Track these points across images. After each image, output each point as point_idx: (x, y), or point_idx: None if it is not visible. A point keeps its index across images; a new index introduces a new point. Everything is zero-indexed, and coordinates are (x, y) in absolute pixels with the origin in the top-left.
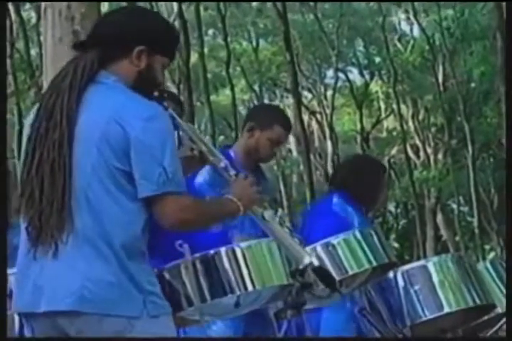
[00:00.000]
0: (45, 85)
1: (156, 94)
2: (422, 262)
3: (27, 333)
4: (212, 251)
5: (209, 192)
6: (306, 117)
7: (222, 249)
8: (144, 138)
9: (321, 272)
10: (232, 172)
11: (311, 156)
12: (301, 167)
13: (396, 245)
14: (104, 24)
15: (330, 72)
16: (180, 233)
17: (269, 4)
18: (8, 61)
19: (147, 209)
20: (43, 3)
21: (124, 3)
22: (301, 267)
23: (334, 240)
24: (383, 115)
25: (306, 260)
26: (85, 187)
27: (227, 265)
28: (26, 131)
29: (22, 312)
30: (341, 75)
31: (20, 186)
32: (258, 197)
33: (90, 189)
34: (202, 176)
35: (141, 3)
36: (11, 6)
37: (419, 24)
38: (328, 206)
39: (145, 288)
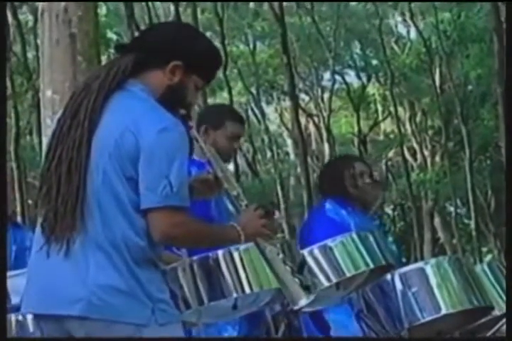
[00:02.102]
0: (42, 88)
1: (182, 112)
2: (419, 264)
3: (37, 333)
4: (209, 254)
5: None
6: (303, 120)
7: (220, 252)
8: (154, 149)
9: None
10: (244, 202)
11: (309, 159)
12: (299, 169)
13: (393, 247)
14: (150, 32)
15: (327, 75)
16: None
17: (266, 7)
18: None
19: None
20: (40, 6)
21: (122, 6)
22: (296, 308)
23: (331, 242)
24: (380, 117)
25: (303, 302)
26: (97, 192)
27: (224, 268)
28: (53, 126)
29: (31, 313)
30: (338, 78)
31: (39, 180)
32: (263, 230)
33: (101, 194)
34: None
35: (137, 5)
36: (7, 9)
37: (416, 27)
38: (322, 213)
39: (154, 296)
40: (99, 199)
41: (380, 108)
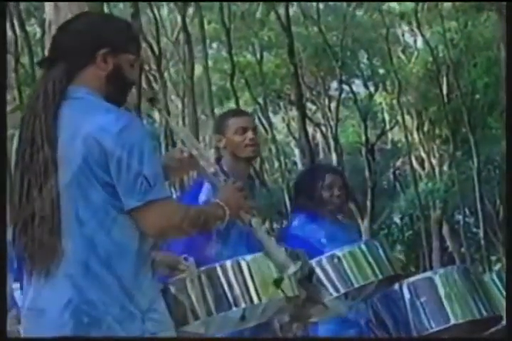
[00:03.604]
0: None
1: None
2: (427, 274)
3: None
4: (217, 264)
5: None
6: (310, 129)
7: (228, 262)
8: (118, 151)
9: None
10: (222, 177)
11: None
12: None
13: (402, 257)
14: (62, 36)
15: (334, 84)
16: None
17: (273, 17)
18: (13, 75)
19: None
20: (47, 19)
21: (129, 17)
22: (285, 276)
23: (340, 252)
24: (388, 127)
25: (292, 269)
26: (74, 208)
27: (232, 278)
28: (13, 157)
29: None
30: (345, 87)
31: (13, 215)
32: (245, 202)
33: (79, 208)
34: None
35: (144, 16)
36: (15, 21)
37: (423, 36)
38: (287, 230)
39: (143, 305)
40: (79, 215)
41: (387, 117)
